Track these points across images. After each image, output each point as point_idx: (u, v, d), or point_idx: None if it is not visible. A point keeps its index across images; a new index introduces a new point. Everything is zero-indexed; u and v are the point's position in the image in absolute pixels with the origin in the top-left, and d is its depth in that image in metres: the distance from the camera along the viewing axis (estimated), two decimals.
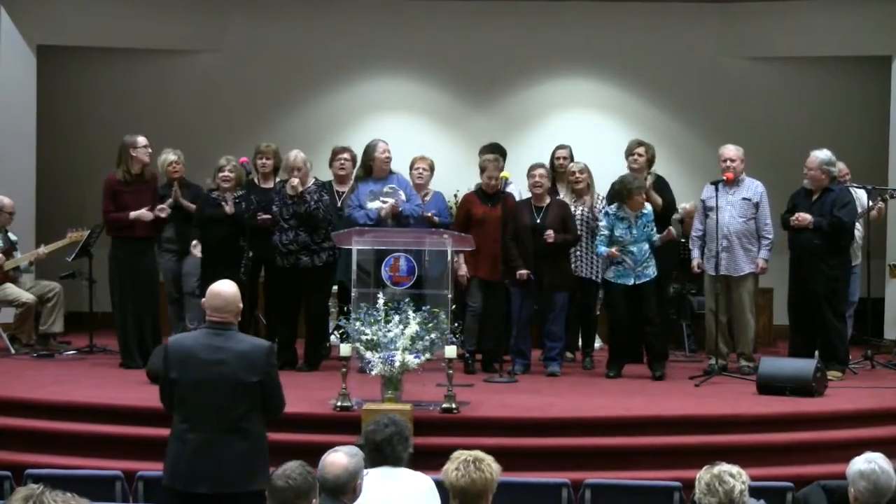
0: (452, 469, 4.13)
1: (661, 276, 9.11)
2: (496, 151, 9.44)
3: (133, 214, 8.66)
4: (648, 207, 8.67)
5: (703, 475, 4.13)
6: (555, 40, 12.20)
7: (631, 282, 8.59)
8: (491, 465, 4.16)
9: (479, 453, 4.21)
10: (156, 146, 9.07)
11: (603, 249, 8.59)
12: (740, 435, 6.92)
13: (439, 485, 4.40)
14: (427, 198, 9.14)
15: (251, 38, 12.31)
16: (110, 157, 9.32)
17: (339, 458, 4.39)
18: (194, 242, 9.03)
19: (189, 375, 4.89)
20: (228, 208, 8.77)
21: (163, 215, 8.83)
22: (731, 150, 8.91)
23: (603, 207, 8.98)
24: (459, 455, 4.18)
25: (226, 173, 8.91)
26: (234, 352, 4.89)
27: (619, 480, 5.95)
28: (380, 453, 4.86)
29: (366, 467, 4.55)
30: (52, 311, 9.66)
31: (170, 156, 9.60)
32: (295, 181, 8.56)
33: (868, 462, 4.58)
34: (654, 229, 8.67)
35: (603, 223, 8.67)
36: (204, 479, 4.77)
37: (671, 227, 8.63)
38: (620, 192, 8.64)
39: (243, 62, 12.30)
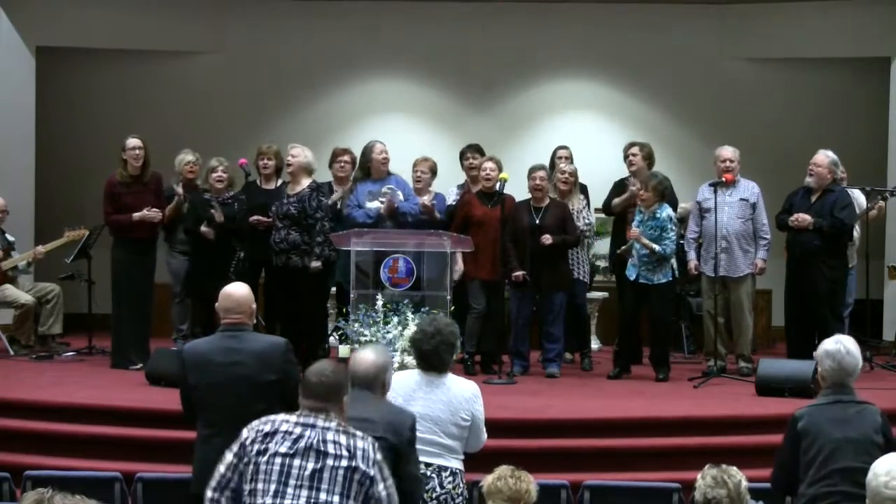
0: (492, 476, 4.27)
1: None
2: (478, 151, 9.47)
3: (137, 216, 8.67)
4: (664, 213, 8.53)
5: (706, 472, 4.18)
6: (554, 42, 12.20)
7: (633, 276, 8.58)
8: (529, 479, 4.26)
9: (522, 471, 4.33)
10: (156, 148, 9.06)
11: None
12: (739, 436, 6.91)
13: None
14: (428, 200, 9.13)
15: (251, 40, 12.31)
16: (109, 158, 9.36)
17: (367, 355, 4.73)
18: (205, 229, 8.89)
19: (207, 379, 4.92)
20: (218, 216, 8.74)
21: (155, 220, 8.80)
22: (728, 151, 8.91)
23: (584, 207, 9.01)
24: (502, 466, 4.33)
25: (219, 174, 8.92)
26: (251, 352, 4.92)
27: (618, 482, 5.95)
28: (426, 361, 5.13)
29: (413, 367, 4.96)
30: (51, 312, 9.65)
31: (188, 156, 9.59)
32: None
33: (835, 343, 4.92)
34: (668, 241, 8.48)
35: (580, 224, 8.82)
36: None
37: (634, 230, 8.55)
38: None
39: (243, 63, 12.31)
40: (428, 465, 4.91)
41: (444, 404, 5.02)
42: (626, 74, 12.31)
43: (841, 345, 4.87)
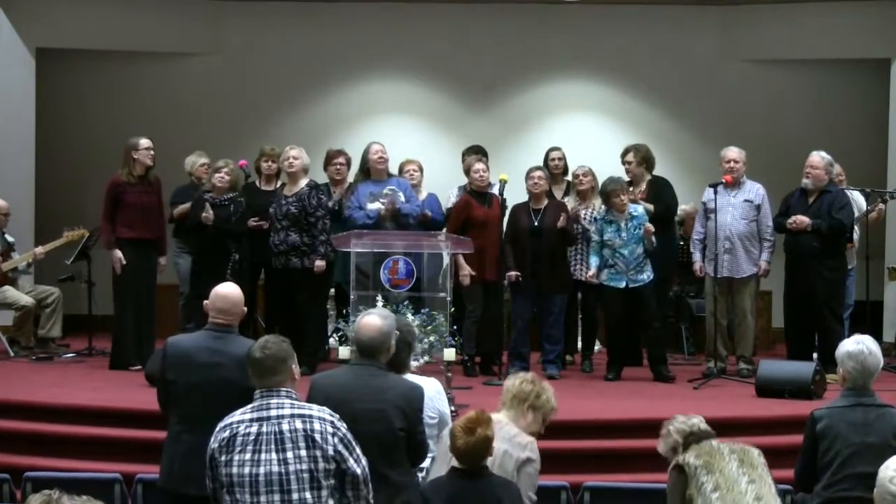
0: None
1: (662, 280, 9.14)
2: (479, 153, 9.52)
3: (116, 255, 8.74)
4: (639, 210, 8.65)
5: (669, 423, 4.57)
6: (553, 43, 12.21)
7: (623, 284, 8.58)
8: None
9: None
10: (155, 148, 9.07)
11: (592, 261, 8.63)
12: (739, 437, 6.88)
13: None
14: (422, 199, 9.14)
15: (249, 41, 12.32)
16: (108, 159, 9.37)
17: (373, 320, 4.70)
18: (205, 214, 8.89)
19: (185, 377, 4.91)
20: (206, 217, 8.74)
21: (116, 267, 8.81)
22: (733, 152, 8.92)
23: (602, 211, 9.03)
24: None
25: (223, 174, 8.93)
26: (232, 355, 4.88)
27: (618, 483, 5.96)
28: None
29: None
30: (50, 315, 9.65)
31: (202, 158, 9.65)
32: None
33: (857, 343, 4.88)
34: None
35: (592, 228, 8.75)
36: (194, 480, 4.71)
37: (648, 224, 8.58)
38: (602, 195, 8.70)
39: (241, 65, 12.31)
40: None
41: None
42: (625, 76, 12.32)
43: (863, 345, 4.81)
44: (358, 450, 4.12)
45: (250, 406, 4.15)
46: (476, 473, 4.27)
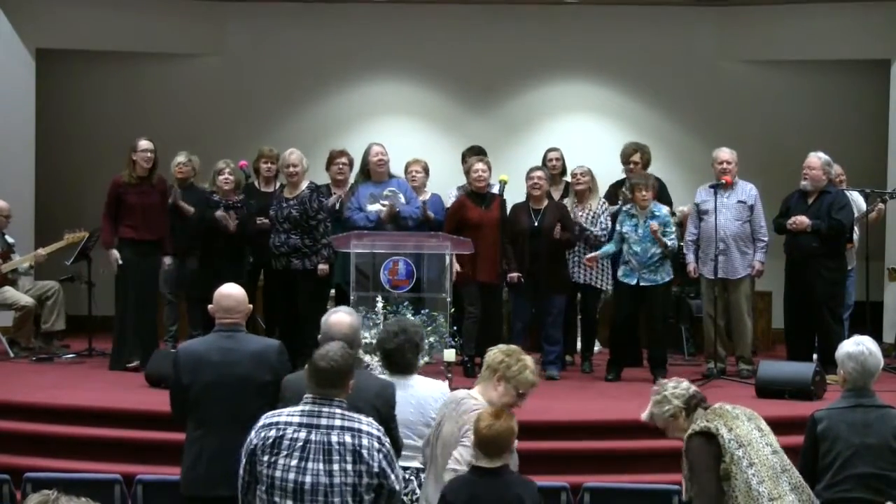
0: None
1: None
2: (479, 153, 9.51)
3: (113, 255, 8.73)
4: (663, 210, 8.62)
5: (659, 391, 4.74)
6: (553, 44, 12.21)
7: (634, 281, 8.57)
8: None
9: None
10: (155, 150, 9.07)
11: (605, 248, 8.66)
12: None
13: None
14: (425, 200, 9.14)
15: (250, 42, 12.32)
16: (109, 160, 9.38)
17: (343, 317, 4.80)
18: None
19: (202, 379, 4.90)
20: (231, 225, 8.75)
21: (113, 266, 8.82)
22: (725, 153, 8.92)
23: (604, 210, 9.03)
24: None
25: (226, 175, 8.94)
26: (247, 352, 4.92)
27: (618, 484, 5.97)
28: (391, 361, 5.06)
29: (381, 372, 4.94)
30: (52, 309, 9.65)
31: (179, 157, 9.65)
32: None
33: (857, 344, 4.89)
34: (672, 236, 8.55)
35: (598, 225, 8.79)
36: (222, 481, 4.69)
37: (652, 223, 8.58)
38: (628, 188, 8.75)
39: (242, 66, 12.31)
40: (405, 468, 4.84)
41: (414, 406, 4.98)
42: (625, 76, 12.32)
43: (863, 346, 4.82)
44: (398, 466, 4.14)
45: (298, 409, 4.11)
46: (496, 472, 4.25)
